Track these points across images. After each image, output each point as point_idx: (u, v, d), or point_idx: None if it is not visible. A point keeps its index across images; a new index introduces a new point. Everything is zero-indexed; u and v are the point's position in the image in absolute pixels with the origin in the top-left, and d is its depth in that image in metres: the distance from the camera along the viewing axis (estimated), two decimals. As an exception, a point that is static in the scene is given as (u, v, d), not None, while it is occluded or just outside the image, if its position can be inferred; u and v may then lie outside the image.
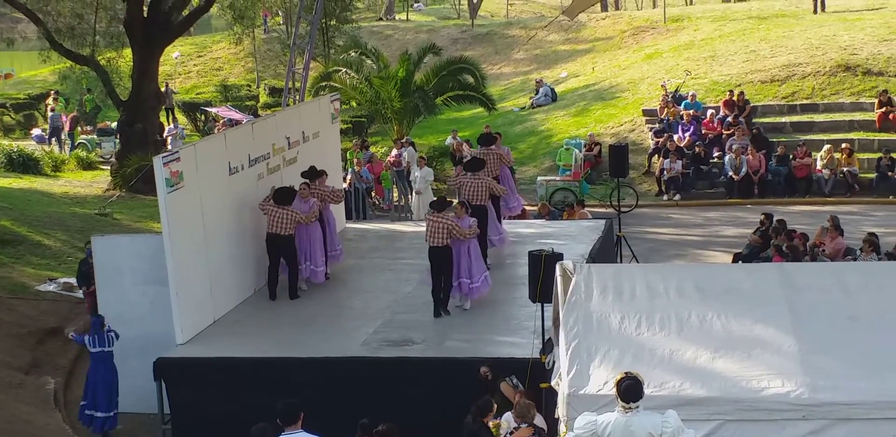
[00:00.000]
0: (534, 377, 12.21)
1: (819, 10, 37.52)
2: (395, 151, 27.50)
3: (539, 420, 10.85)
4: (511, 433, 10.40)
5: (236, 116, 32.71)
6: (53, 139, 34.36)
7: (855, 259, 17.98)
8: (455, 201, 17.01)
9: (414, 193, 24.62)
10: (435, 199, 16.65)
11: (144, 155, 24.88)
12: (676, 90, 30.29)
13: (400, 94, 29.04)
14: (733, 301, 10.73)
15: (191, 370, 14.15)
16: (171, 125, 33.49)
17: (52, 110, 35.45)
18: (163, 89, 33.21)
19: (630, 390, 8.83)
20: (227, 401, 13.74)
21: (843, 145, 26.72)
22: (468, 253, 15.63)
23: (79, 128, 34.95)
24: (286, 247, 16.45)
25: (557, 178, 26.91)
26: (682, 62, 33.55)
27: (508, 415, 11.10)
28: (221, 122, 32.99)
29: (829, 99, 29.36)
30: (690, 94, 29.70)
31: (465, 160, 18.81)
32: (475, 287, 15.66)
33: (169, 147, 28.05)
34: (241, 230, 16.50)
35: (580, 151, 27.51)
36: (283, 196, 16.33)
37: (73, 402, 15.59)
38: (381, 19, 49.52)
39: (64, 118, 34.87)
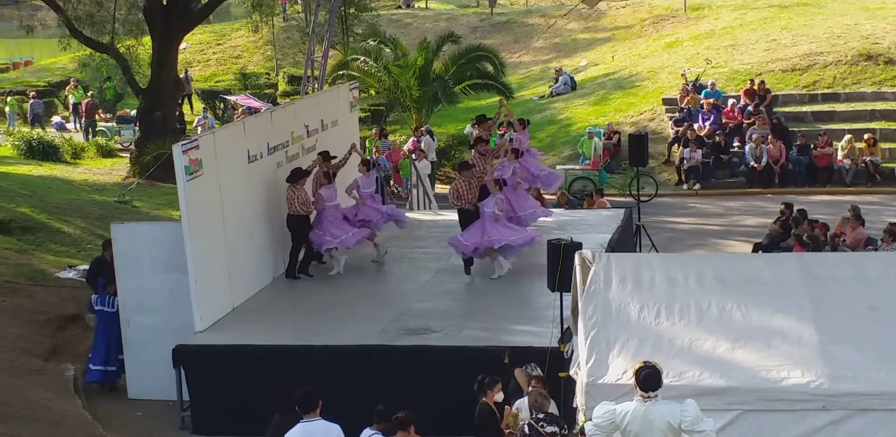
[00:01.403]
0: (552, 366, 12.19)
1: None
2: (412, 140, 27.46)
3: (553, 408, 10.84)
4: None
5: (255, 104, 32.75)
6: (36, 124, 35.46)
7: (876, 249, 17.89)
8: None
9: (411, 186, 24.42)
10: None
11: (163, 143, 24.93)
12: (697, 79, 30.16)
13: (419, 82, 28.99)
14: (753, 291, 10.69)
15: (210, 358, 14.19)
16: (202, 115, 33.64)
17: (34, 97, 36.55)
18: (181, 76, 33.32)
19: (649, 379, 8.82)
20: (245, 388, 13.79)
21: (867, 135, 26.56)
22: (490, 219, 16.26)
23: (97, 115, 35.08)
24: (293, 227, 16.64)
25: (577, 167, 26.87)
26: (703, 51, 33.39)
27: (521, 403, 11.08)
28: (240, 110, 33.04)
29: (851, 88, 29.19)
30: (711, 82, 29.57)
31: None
32: (506, 245, 16.30)
33: (199, 136, 28.18)
34: (260, 218, 16.53)
35: (600, 139, 27.44)
36: (292, 176, 16.55)
37: (92, 388, 15.66)
38: (399, 7, 49.41)
39: (84, 105, 35.05)
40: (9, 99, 36.64)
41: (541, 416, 10.30)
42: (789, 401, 9.68)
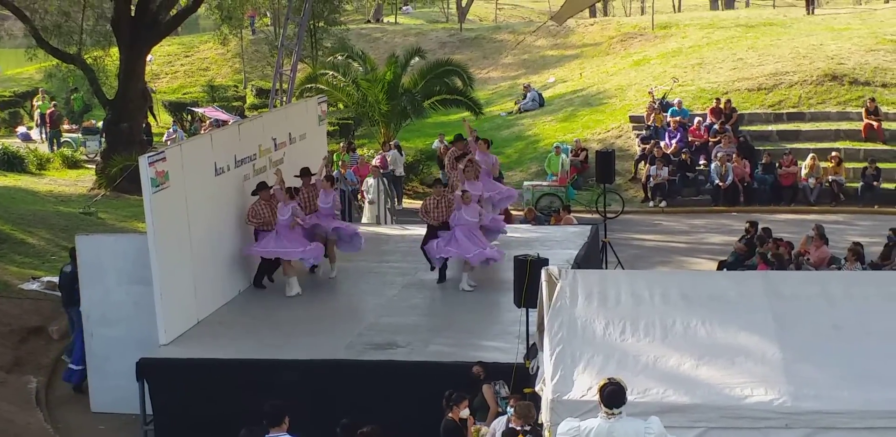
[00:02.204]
0: (518, 382, 12.21)
1: (810, 11, 37.90)
2: (380, 154, 27.47)
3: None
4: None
5: (223, 116, 32.67)
6: None
7: (839, 268, 18.03)
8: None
9: (367, 203, 24.19)
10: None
11: (130, 154, 24.82)
12: (664, 97, 30.36)
13: (387, 96, 29.01)
14: (718, 309, 10.73)
15: (174, 371, 14.11)
16: (171, 128, 33.50)
17: None
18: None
19: (613, 395, 8.83)
20: (209, 402, 13.71)
21: (833, 154, 26.81)
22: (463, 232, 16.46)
23: (63, 126, 34.86)
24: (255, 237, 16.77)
25: (544, 183, 26.93)
26: (670, 69, 33.63)
27: (497, 422, 11.10)
28: (208, 122, 32.95)
29: (816, 108, 29.47)
30: (677, 101, 29.78)
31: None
32: (470, 257, 16.47)
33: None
34: (227, 231, 16.48)
35: (567, 156, 27.54)
36: (255, 189, 16.64)
37: (54, 401, 15.54)
38: (369, 22, 49.55)
39: (49, 115, 34.81)
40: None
41: (527, 428, 10.35)
42: (753, 419, 9.72)
